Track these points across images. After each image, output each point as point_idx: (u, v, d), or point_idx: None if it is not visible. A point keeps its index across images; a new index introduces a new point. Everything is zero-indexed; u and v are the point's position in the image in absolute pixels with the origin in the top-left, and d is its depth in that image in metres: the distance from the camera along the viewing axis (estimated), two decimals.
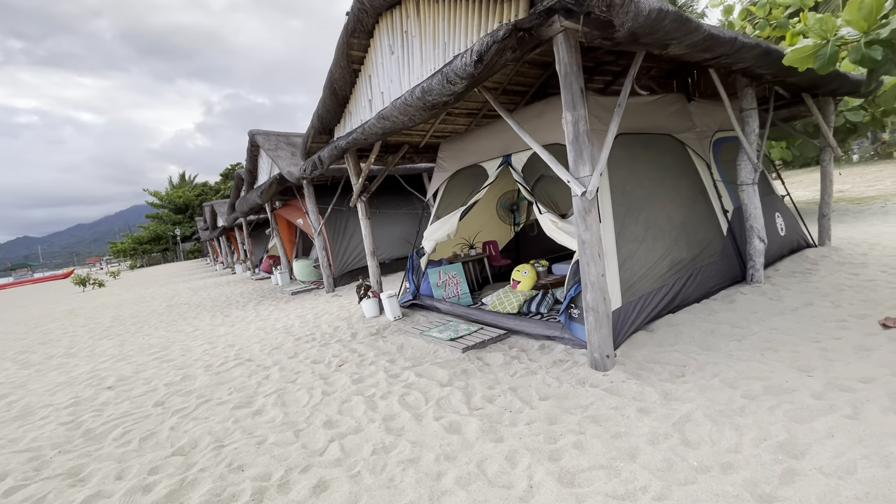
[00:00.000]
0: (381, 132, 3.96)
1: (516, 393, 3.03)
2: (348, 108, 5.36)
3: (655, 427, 2.36)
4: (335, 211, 9.04)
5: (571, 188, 2.96)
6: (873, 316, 3.64)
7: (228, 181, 48.05)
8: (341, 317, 6.36)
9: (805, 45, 2.95)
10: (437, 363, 3.86)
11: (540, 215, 4.39)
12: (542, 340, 4.07)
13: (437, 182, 6.06)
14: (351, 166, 6.05)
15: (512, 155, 4.96)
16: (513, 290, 5.29)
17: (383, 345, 4.67)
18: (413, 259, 6.06)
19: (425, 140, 6.71)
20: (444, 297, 5.76)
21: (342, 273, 9.11)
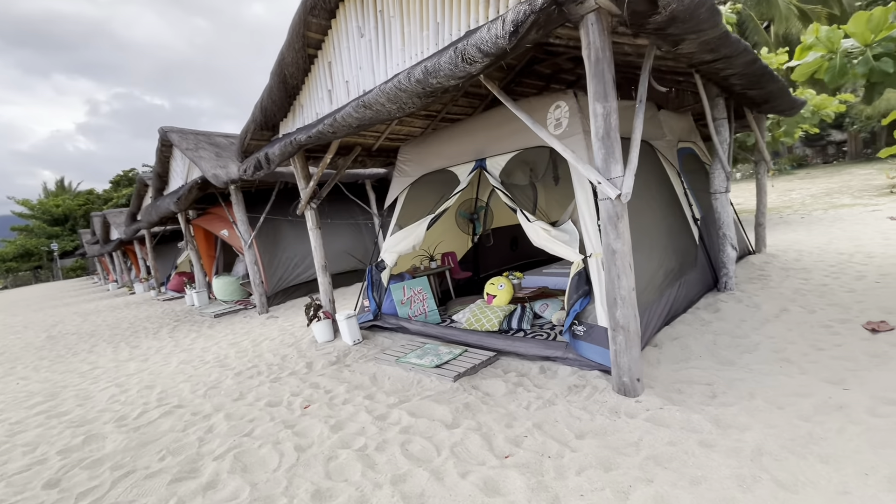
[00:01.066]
0: (356, 124, 3.33)
1: (544, 431, 2.57)
2: (299, 99, 4.61)
3: (734, 466, 2.02)
4: (268, 221, 8.00)
5: (601, 191, 2.60)
6: (852, 321, 3.74)
7: (121, 189, 42.53)
8: (286, 342, 5.47)
9: (814, 58, 2.89)
10: (429, 397, 3.28)
11: (528, 223, 4.02)
12: (539, 362, 3.66)
13: (397, 188, 5.48)
14: (298, 168, 5.26)
15: (487, 159, 4.55)
16: (488, 306, 4.86)
17: (351, 376, 3.96)
18: (372, 274, 5.39)
19: (379, 143, 6.11)
20: (410, 316, 5.16)
21: (276, 291, 8.06)
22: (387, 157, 6.51)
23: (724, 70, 3.76)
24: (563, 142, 3.87)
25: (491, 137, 4.50)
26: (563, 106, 3.92)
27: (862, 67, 2.83)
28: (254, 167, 4.64)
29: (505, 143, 4.38)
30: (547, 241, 3.83)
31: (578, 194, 3.75)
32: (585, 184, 3.72)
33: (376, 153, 6.37)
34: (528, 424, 2.66)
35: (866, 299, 4.20)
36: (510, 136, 4.34)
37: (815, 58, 2.95)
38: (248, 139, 4.96)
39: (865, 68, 2.81)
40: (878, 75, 2.78)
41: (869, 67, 2.79)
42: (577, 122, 3.77)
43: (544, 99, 4.15)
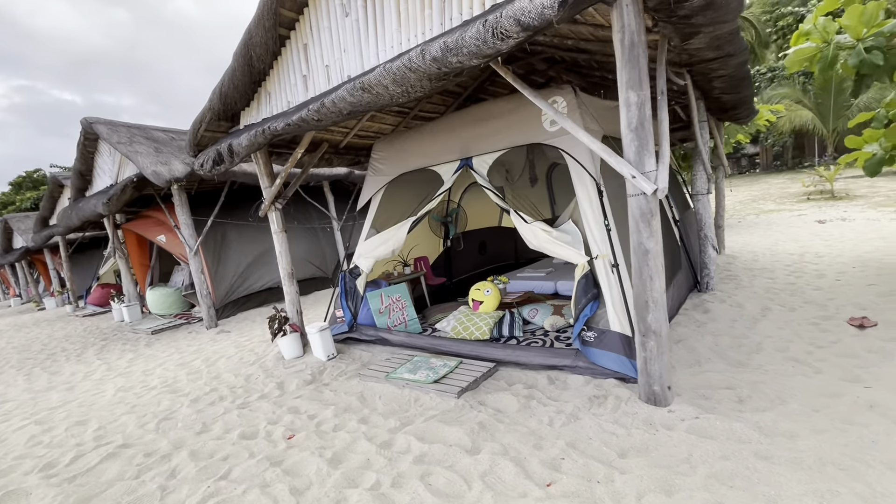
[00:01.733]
0: (347, 111, 2.93)
1: (581, 450, 2.31)
2: (265, 86, 4.10)
3: (805, 481, 1.87)
4: (216, 225, 7.21)
5: (636, 186, 2.41)
6: (834, 317, 3.86)
7: (24, 192, 37.74)
8: (247, 360, 4.85)
9: (808, 47, 2.90)
10: (433, 417, 2.93)
11: (525, 225, 3.79)
12: (544, 372, 3.43)
13: (371, 188, 5.07)
14: (261, 165, 4.70)
15: (473, 157, 4.29)
16: (475, 313, 4.58)
17: (335, 397, 3.51)
18: (345, 281, 4.93)
19: (347, 139, 5.67)
20: (390, 326, 4.76)
21: (226, 302, 7.26)
22: (355, 155, 6.06)
23: (717, 70, 3.77)
24: (560, 139, 3.71)
25: (477, 134, 4.25)
26: (560, 101, 3.74)
27: (853, 59, 2.89)
28: (213, 161, 4.04)
29: (493, 140, 4.14)
30: (548, 242, 3.62)
31: (580, 193, 3.58)
32: (587, 182, 3.56)
33: (344, 151, 5.91)
34: (559, 444, 2.39)
35: (836, 296, 4.39)
36: (498, 132, 4.11)
37: (810, 46, 2.98)
38: (201, 130, 4.34)
39: (857, 60, 2.88)
40: (869, 67, 2.86)
41: (860, 60, 2.86)
42: (578, 119, 3.61)
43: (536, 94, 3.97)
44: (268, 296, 7.87)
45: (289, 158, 5.08)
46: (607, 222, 3.39)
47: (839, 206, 12.04)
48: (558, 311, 4.45)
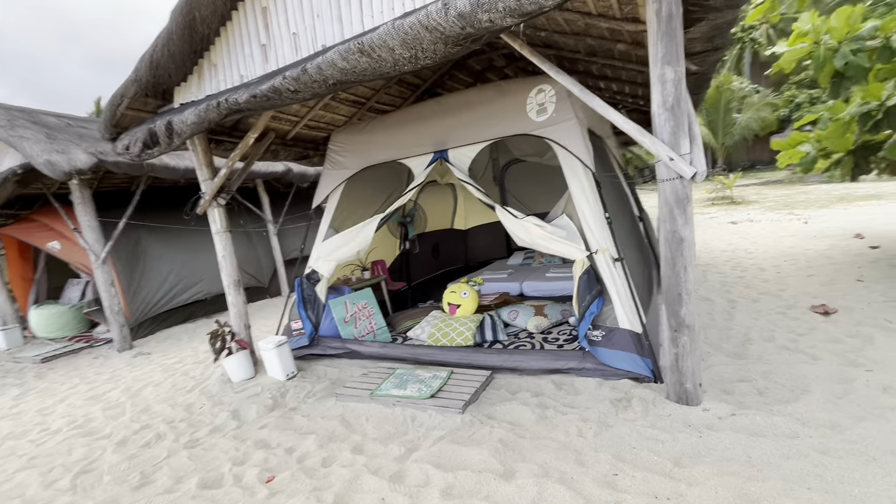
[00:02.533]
0: (334, 80, 2.44)
1: (630, 462, 2.06)
2: (209, 56, 3.43)
3: (881, 475, 1.78)
4: (129, 228, 6.07)
5: (674, 169, 2.24)
6: (795, 306, 4.08)
7: None
8: (183, 386, 4.04)
9: (802, 47, 2.99)
10: (442, 438, 2.53)
11: (515, 221, 3.54)
12: (547, 376, 3.18)
13: (330, 183, 4.54)
14: (199, 153, 3.97)
15: (448, 150, 3.97)
16: (453, 317, 4.23)
17: (311, 423, 2.95)
18: (303, 288, 4.32)
19: (296, 129, 5.06)
20: (356, 336, 4.24)
21: (142, 319, 6.14)
22: (303, 148, 5.43)
23: (690, 67, 3.82)
24: (550, 129, 3.52)
25: (452, 125, 3.94)
26: (547, 90, 3.56)
27: (840, 61, 3.04)
28: (143, 143, 3.26)
29: (471, 131, 3.85)
30: (542, 239, 3.39)
31: (573, 185, 3.41)
32: (580, 174, 3.40)
33: (291, 142, 5.27)
34: (604, 458, 2.13)
35: (785, 287, 4.69)
36: (477, 123, 3.84)
37: (804, 47, 3.09)
38: (122, 107, 3.54)
39: (842, 62, 3.02)
40: (854, 69, 3.01)
41: (846, 62, 3.00)
42: (568, 107, 3.45)
43: (519, 83, 3.76)
44: (196, 310, 6.82)
45: (228, 149, 4.38)
46: (608, 215, 3.25)
47: (740, 209, 13.45)
48: (540, 312, 4.25)
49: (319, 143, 5.62)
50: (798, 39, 3.25)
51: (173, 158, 6.06)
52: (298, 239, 8.51)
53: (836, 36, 3.12)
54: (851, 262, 5.31)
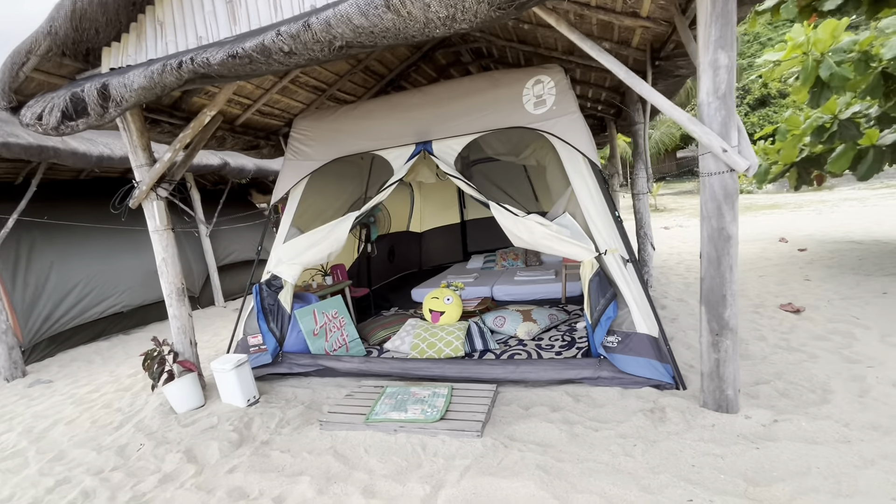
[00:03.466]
0: (343, 42, 1.98)
1: (700, 484, 1.85)
2: (154, 12, 2.77)
3: None
4: (21, 227, 4.91)
5: (726, 161, 2.08)
6: (763, 305, 4.25)
7: None
8: (107, 422, 3.24)
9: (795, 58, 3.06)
10: (468, 469, 2.17)
11: (516, 219, 3.28)
12: (558, 388, 2.94)
13: (292, 176, 3.98)
14: (134, 132, 3.24)
15: (433, 142, 3.64)
16: (437, 326, 3.87)
17: (295, 461, 2.43)
18: (262, 297, 3.70)
19: (247, 114, 4.42)
20: (328, 350, 3.71)
21: (39, 339, 4.99)
22: (254, 136, 4.76)
23: (681, 69, 3.83)
24: (550, 123, 3.32)
25: (438, 115, 3.61)
26: (545, 81, 3.36)
27: (825, 72, 3.16)
28: (63, 113, 2.49)
29: (459, 123, 3.55)
30: (546, 238, 3.15)
31: (577, 182, 3.22)
32: (583, 170, 3.23)
33: (241, 129, 4.58)
34: (667, 480, 1.90)
35: (744, 288, 4.92)
36: (467, 114, 3.55)
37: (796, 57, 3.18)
38: (27, 68, 2.75)
39: (828, 73, 3.15)
40: (838, 80, 3.14)
41: (831, 73, 3.13)
42: (570, 100, 3.27)
43: (514, 73, 3.51)
44: (109, 325, 5.72)
45: (164, 132, 3.65)
46: (617, 213, 3.09)
47: (665, 216, 14.48)
48: (528, 317, 4.02)
49: (272, 132, 4.98)
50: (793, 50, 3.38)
51: (83, 143, 5.04)
52: (234, 242, 7.59)
53: (819, 47, 3.26)
54: (790, 264, 5.74)
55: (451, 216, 7.92)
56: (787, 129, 4.63)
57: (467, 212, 7.89)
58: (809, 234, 7.71)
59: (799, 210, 12.11)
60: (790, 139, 4.57)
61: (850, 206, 11.63)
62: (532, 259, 6.69)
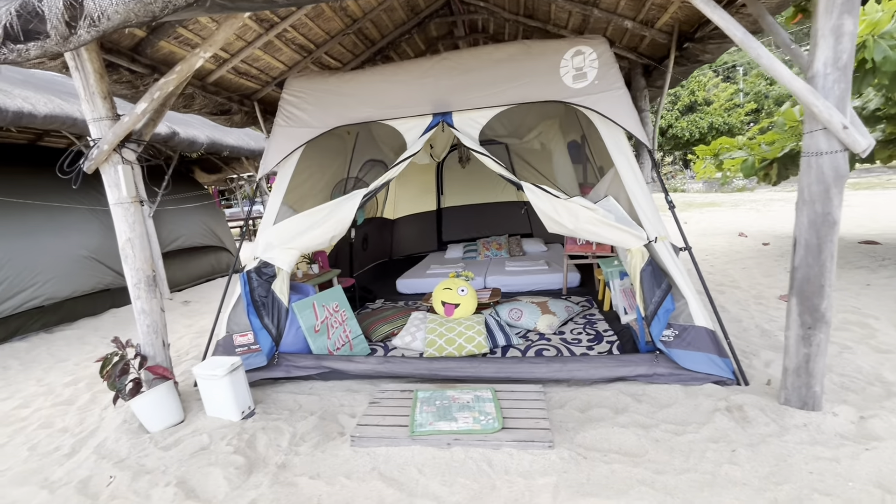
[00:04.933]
0: None
1: (836, 496, 1.67)
2: None
3: None
4: None
5: (843, 140, 1.90)
6: (762, 296, 4.32)
7: None
8: (53, 450, 2.52)
9: None
10: (560, 489, 1.84)
11: (556, 202, 2.97)
12: (609, 386, 2.70)
13: (285, 144, 3.39)
14: (90, 75, 2.51)
15: (454, 113, 3.25)
16: (452, 319, 3.50)
17: (333, 489, 1.97)
18: (252, 287, 3.10)
19: (222, 71, 3.73)
20: (331, 350, 3.21)
21: None
22: (226, 98, 4.03)
23: (707, 54, 3.71)
24: (591, 98, 3.05)
25: (460, 84, 3.22)
26: (587, 52, 3.08)
27: (879, 55, 3.10)
28: (2, 32, 1.77)
29: (484, 93, 3.19)
30: (593, 224, 2.88)
31: (621, 164, 2.99)
32: (627, 151, 3.00)
33: (213, 88, 3.85)
34: (792, 491, 1.70)
35: (734, 279, 5.03)
36: (494, 84, 3.19)
37: None
38: None
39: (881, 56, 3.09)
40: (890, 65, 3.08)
41: (884, 56, 3.08)
42: (615, 74, 3.01)
43: (550, 44, 3.19)
44: (27, 322, 4.67)
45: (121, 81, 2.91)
46: (670, 199, 2.89)
47: None
48: (546, 309, 3.76)
49: (246, 95, 4.28)
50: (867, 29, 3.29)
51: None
52: (181, 225, 6.62)
53: (874, 29, 3.22)
54: (763, 256, 6.00)
55: (428, 203, 7.50)
56: (784, 123, 4.74)
57: (444, 199, 7.50)
58: (763, 230, 8.21)
59: (737, 207, 13.03)
60: (788, 131, 4.69)
61: (780, 206, 12.69)
62: (516, 249, 6.47)
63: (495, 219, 7.17)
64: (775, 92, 23.71)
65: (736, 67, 28.06)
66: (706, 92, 23.99)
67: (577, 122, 4.70)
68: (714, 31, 3.33)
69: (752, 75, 26.30)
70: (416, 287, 5.31)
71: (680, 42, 3.77)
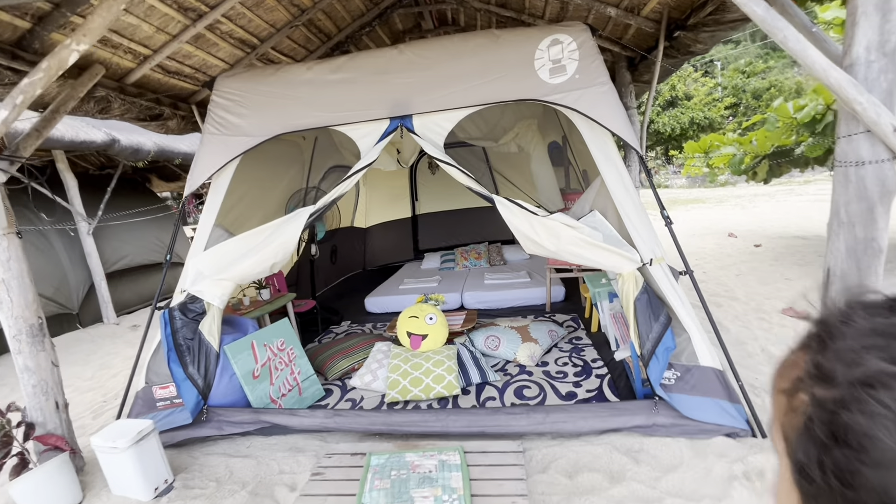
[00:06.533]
0: None
1: None
2: None
3: None
4: None
5: (893, 147, 1.48)
6: (761, 309, 3.97)
7: None
8: None
9: None
10: None
11: (534, 220, 2.53)
12: (601, 437, 2.26)
13: (217, 155, 2.87)
14: None
15: (414, 117, 2.78)
16: (418, 353, 3.04)
17: None
18: (174, 329, 2.59)
19: (144, 69, 3.20)
20: (274, 398, 2.71)
21: None
22: (154, 101, 3.49)
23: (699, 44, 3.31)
24: (571, 95, 2.61)
25: (421, 82, 2.76)
26: (565, 41, 2.64)
27: None
28: None
29: (449, 92, 2.73)
30: (577, 245, 2.44)
31: (608, 173, 2.56)
32: (614, 158, 2.58)
33: (135, 90, 3.31)
34: None
35: (729, 289, 4.67)
36: (459, 80, 2.74)
37: None
38: None
39: None
40: None
41: None
42: (598, 67, 2.59)
43: (522, 31, 2.75)
44: None
45: None
46: (666, 213, 2.47)
47: None
48: (526, 335, 3.32)
49: (182, 98, 3.75)
50: None
51: None
52: (127, 242, 6.02)
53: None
54: (756, 260, 5.66)
55: (402, 210, 7.01)
56: (776, 119, 4.38)
57: (419, 205, 7.02)
58: (752, 230, 7.92)
59: (722, 204, 12.84)
60: (781, 128, 4.34)
61: (764, 202, 12.53)
62: (496, 258, 6.04)
63: (474, 225, 6.72)
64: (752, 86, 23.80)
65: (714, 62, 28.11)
66: (686, 87, 23.92)
67: (557, 122, 4.27)
68: (708, 18, 2.92)
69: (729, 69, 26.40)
70: (386, 306, 4.83)
71: (669, 31, 3.37)
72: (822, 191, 13.09)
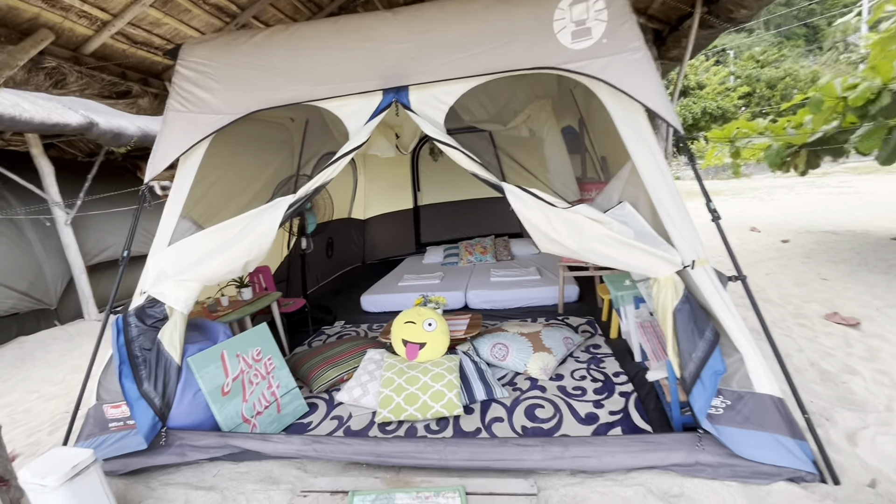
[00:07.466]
0: None
1: None
2: None
3: None
4: None
5: None
6: (802, 314, 3.59)
7: None
8: None
9: None
10: None
11: (553, 212, 2.11)
12: (631, 475, 1.87)
13: (183, 136, 2.47)
14: None
15: (410, 89, 2.36)
16: (416, 365, 2.65)
17: None
18: (128, 338, 2.22)
19: (103, 38, 2.80)
20: (247, 417, 2.34)
21: None
22: (118, 75, 3.10)
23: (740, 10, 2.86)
24: (597, 63, 2.18)
25: (418, 48, 2.34)
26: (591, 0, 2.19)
27: None
28: None
29: (451, 60, 2.32)
30: (604, 244, 2.03)
31: (640, 157, 2.14)
32: (649, 139, 2.14)
33: (94, 63, 2.91)
34: None
35: (760, 290, 4.24)
36: (463, 46, 2.32)
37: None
38: None
39: None
40: None
41: None
42: (631, 28, 2.15)
43: None
44: None
45: None
46: (713, 205, 2.06)
47: None
48: (538, 344, 2.92)
49: (154, 74, 3.35)
50: None
51: None
52: (110, 233, 5.67)
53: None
54: (785, 258, 5.22)
55: (403, 200, 6.60)
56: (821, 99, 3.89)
57: (422, 195, 6.61)
58: (775, 224, 7.45)
59: (739, 196, 12.32)
60: (826, 111, 3.87)
61: (783, 194, 12.01)
62: (503, 252, 5.63)
63: (480, 217, 6.30)
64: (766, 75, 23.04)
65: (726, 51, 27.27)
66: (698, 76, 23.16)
67: (573, 103, 3.83)
68: None
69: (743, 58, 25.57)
70: (384, 304, 4.45)
71: None
72: (845, 183, 12.51)
